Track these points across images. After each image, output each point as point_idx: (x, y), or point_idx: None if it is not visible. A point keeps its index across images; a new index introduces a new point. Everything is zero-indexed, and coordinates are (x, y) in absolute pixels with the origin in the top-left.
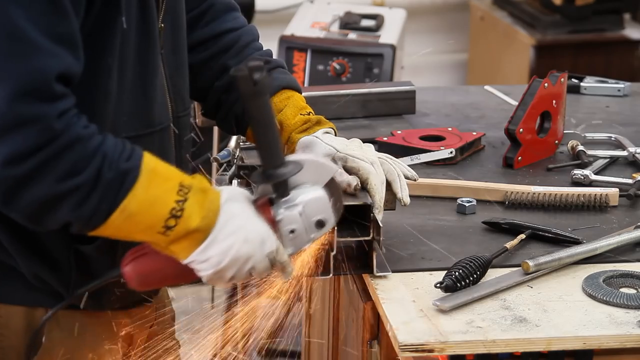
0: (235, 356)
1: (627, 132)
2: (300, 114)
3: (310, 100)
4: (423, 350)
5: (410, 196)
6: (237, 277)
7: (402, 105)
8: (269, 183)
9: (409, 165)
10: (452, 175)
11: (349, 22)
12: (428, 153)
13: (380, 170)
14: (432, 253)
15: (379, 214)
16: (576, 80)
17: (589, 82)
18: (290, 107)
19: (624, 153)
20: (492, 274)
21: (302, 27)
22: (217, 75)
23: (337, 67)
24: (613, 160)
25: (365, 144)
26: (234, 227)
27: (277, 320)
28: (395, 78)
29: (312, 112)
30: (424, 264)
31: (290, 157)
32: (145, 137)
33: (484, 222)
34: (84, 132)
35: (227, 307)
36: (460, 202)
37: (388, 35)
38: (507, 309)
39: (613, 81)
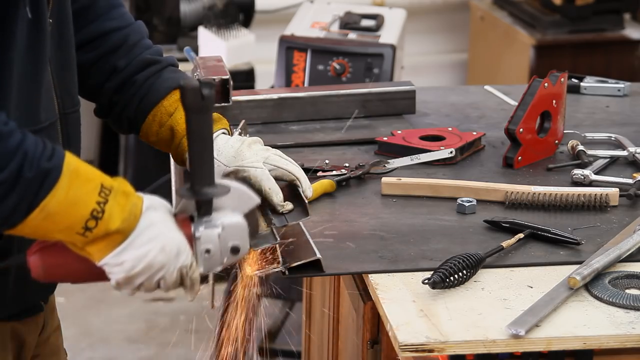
0: (235, 356)
1: (627, 132)
2: None
3: (310, 100)
4: (423, 350)
5: (410, 196)
6: (146, 286)
7: (402, 105)
8: (195, 199)
9: (408, 165)
10: (452, 175)
11: (349, 22)
12: (428, 153)
13: (267, 173)
14: (432, 253)
15: (284, 209)
16: (576, 80)
17: (589, 82)
18: (181, 110)
19: (624, 153)
20: (492, 274)
21: (302, 27)
22: (106, 77)
23: (337, 67)
24: (613, 160)
25: (255, 142)
26: (153, 234)
27: (277, 321)
28: (395, 78)
29: None
30: (424, 264)
31: (219, 181)
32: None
33: (485, 221)
34: (4, 129)
35: (226, 307)
36: (460, 202)
37: (388, 35)
38: (508, 309)
39: (613, 81)
